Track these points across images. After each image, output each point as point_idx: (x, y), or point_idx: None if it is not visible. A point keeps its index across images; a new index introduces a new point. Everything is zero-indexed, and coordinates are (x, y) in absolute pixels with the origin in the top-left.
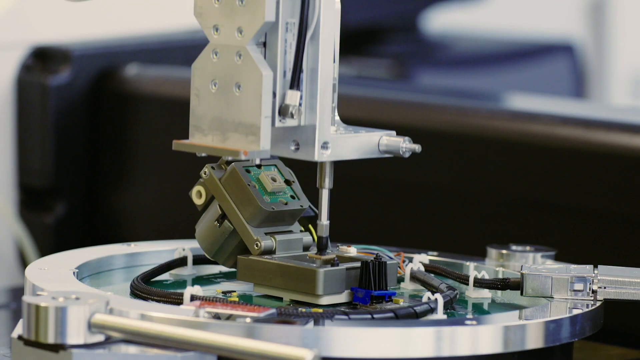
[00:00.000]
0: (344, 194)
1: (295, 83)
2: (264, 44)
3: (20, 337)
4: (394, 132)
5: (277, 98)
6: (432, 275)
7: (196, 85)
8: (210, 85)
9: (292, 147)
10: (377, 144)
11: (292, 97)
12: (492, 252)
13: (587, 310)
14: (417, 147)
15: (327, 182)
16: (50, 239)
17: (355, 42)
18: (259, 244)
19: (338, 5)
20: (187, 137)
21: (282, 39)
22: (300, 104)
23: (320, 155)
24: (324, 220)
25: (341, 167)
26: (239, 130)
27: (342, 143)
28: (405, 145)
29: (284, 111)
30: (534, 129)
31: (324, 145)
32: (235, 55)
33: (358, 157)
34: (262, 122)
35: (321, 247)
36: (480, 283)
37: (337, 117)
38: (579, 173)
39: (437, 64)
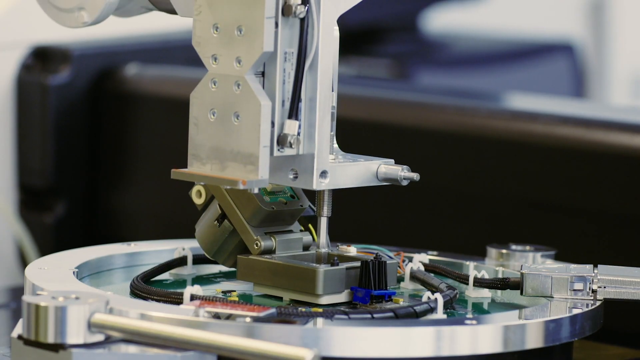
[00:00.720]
0: (344, 193)
1: (293, 112)
2: (263, 74)
3: (20, 337)
4: (392, 161)
5: (275, 127)
6: (432, 274)
7: (195, 115)
8: (209, 114)
9: (291, 176)
10: (375, 173)
11: (291, 127)
12: (492, 251)
13: (587, 309)
14: (416, 176)
15: (326, 210)
16: (50, 239)
17: (355, 41)
18: (258, 244)
19: (336, 33)
20: (186, 137)
21: (281, 68)
22: (298, 133)
23: (318, 184)
24: (323, 248)
25: None
26: (238, 159)
27: (341, 172)
28: (403, 173)
29: (282, 140)
30: (534, 129)
31: (323, 174)
32: (233, 85)
33: (356, 185)
34: (261, 151)
35: None
36: (480, 283)
37: (335, 145)
38: (579, 173)
39: (437, 63)
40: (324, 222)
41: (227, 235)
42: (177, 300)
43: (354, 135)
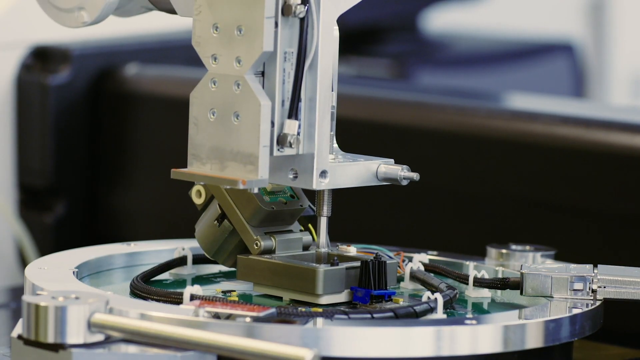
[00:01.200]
0: (344, 193)
1: (293, 112)
2: (263, 74)
3: (20, 337)
4: (392, 160)
5: (275, 127)
6: (432, 274)
7: (194, 114)
8: (209, 114)
9: (291, 176)
10: (375, 172)
11: (291, 127)
12: (492, 251)
13: (586, 309)
14: (415, 175)
15: (326, 210)
16: (50, 239)
17: (355, 41)
18: (258, 244)
19: (336, 33)
20: (186, 137)
21: (281, 68)
22: (298, 133)
23: (318, 183)
24: (323, 248)
25: None
26: (238, 159)
27: (341, 171)
28: (403, 173)
29: (282, 140)
30: (534, 129)
31: (322, 174)
32: (233, 85)
33: (356, 185)
34: (261, 151)
35: None
36: (480, 282)
37: (335, 145)
38: (579, 173)
39: (437, 63)
40: (323, 222)
41: (227, 235)
42: (177, 300)
43: (354, 135)
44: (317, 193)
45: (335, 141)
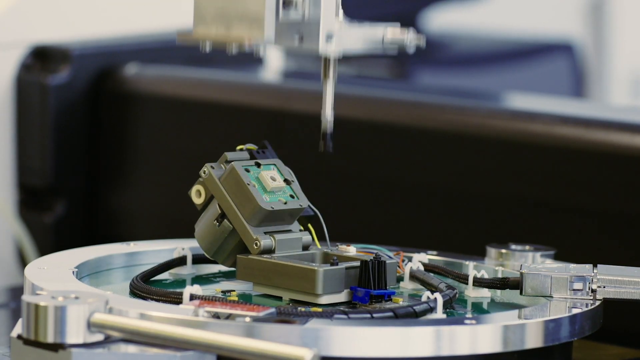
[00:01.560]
0: (343, 193)
1: None
2: None
3: (19, 337)
4: (398, 24)
5: None
6: (432, 274)
7: None
8: None
9: (296, 40)
10: (381, 36)
11: None
12: (492, 251)
13: (586, 309)
14: (422, 40)
15: (332, 73)
16: (50, 239)
17: None
18: (258, 243)
19: None
20: (188, 137)
21: None
22: None
23: (324, 46)
24: (329, 115)
25: (341, 166)
26: (243, 21)
27: (346, 35)
28: (409, 37)
29: (288, 1)
30: (533, 129)
31: (328, 37)
32: None
33: (362, 49)
34: (266, 12)
35: (326, 145)
36: (479, 282)
37: (340, 12)
38: (579, 173)
39: (437, 63)
40: (329, 88)
41: (227, 235)
42: (177, 300)
43: (354, 135)
44: (323, 59)
45: (341, 9)
